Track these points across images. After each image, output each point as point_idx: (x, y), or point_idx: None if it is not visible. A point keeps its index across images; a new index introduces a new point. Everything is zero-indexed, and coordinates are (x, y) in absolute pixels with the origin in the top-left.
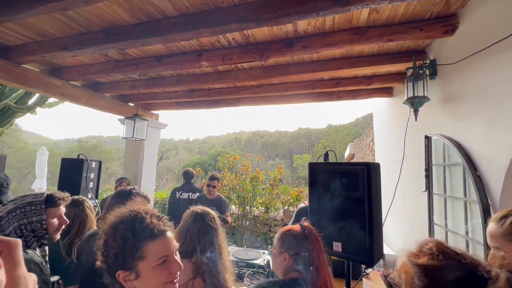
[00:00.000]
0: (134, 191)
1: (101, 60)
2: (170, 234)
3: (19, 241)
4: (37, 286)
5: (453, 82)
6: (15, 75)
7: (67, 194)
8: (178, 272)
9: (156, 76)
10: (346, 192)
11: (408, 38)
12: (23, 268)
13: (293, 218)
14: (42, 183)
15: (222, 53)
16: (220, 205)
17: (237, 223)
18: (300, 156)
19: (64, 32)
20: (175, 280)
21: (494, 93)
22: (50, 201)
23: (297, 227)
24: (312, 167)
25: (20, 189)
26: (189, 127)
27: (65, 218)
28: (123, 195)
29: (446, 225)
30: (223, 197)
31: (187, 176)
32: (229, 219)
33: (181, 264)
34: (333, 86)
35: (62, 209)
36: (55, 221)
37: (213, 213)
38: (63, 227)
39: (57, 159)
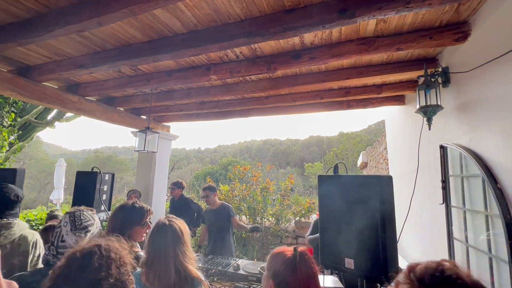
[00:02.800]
0: (136, 205)
1: (114, 76)
2: None
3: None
4: None
5: (468, 89)
6: (36, 92)
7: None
8: None
9: (167, 90)
10: (358, 206)
11: (418, 46)
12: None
13: (310, 229)
14: (59, 193)
15: (230, 66)
16: (224, 213)
17: (248, 234)
18: (312, 165)
19: (80, 52)
20: None
21: None
22: None
23: (290, 251)
24: (322, 180)
25: (40, 199)
26: (200, 136)
27: None
28: (124, 210)
29: (466, 240)
30: (225, 203)
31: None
32: (241, 223)
33: None
34: (342, 95)
35: None
36: None
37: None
38: None
39: (74, 169)
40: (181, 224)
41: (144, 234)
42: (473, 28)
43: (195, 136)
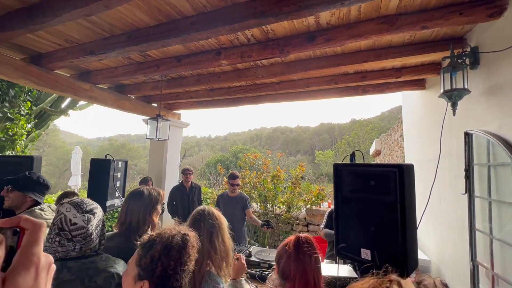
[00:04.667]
0: (145, 190)
1: (124, 63)
2: None
3: (43, 224)
4: (53, 266)
5: (500, 71)
6: (48, 80)
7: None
8: None
9: (177, 77)
10: (376, 196)
11: (446, 24)
12: (40, 247)
13: (325, 220)
14: (77, 180)
15: (241, 50)
16: (241, 202)
17: None
18: (323, 152)
19: (89, 38)
20: None
21: None
22: None
23: (291, 240)
24: (338, 168)
25: (59, 185)
26: (210, 124)
27: None
28: (135, 196)
29: (491, 232)
30: (243, 193)
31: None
32: (254, 217)
33: None
34: (358, 80)
35: None
36: None
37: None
38: None
39: (90, 157)
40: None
41: (158, 220)
42: (510, 1)
43: (206, 123)
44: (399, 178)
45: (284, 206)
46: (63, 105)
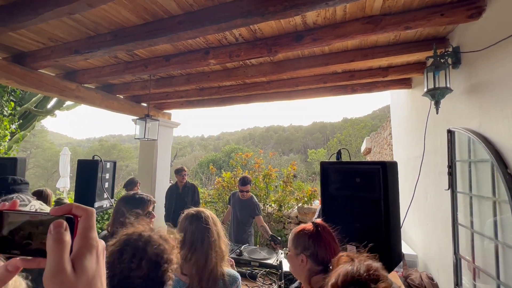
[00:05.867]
0: (137, 196)
1: (111, 62)
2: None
3: (94, 210)
4: (104, 251)
5: (480, 70)
6: (32, 80)
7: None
8: None
9: (166, 76)
10: (361, 193)
11: (428, 24)
12: (95, 232)
13: (316, 215)
14: (66, 181)
15: (230, 50)
16: (250, 208)
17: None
18: (315, 151)
19: (74, 36)
20: None
21: None
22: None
23: (309, 225)
24: (324, 166)
25: (48, 187)
26: (203, 124)
27: None
28: (127, 201)
29: (472, 226)
30: (255, 199)
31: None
32: (265, 225)
33: None
34: (346, 79)
35: None
36: None
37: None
38: None
39: (79, 158)
40: (213, 214)
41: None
42: (488, 2)
43: (198, 123)
44: (382, 175)
45: (275, 205)
46: (49, 105)
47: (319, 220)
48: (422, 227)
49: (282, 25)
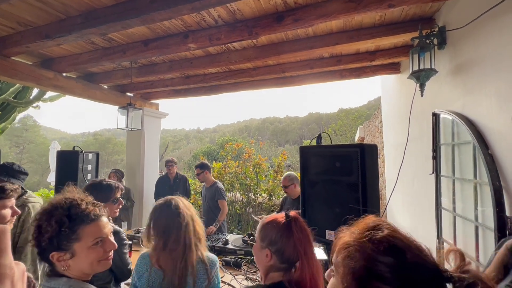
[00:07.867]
0: (104, 182)
1: (88, 49)
2: (105, 218)
3: (6, 228)
4: (26, 274)
5: (464, 50)
6: (4, 68)
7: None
8: (112, 250)
9: (148, 63)
10: (340, 177)
11: (412, 1)
12: (10, 257)
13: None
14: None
15: (209, 33)
16: (212, 192)
17: (242, 210)
18: (310, 142)
19: (43, 20)
20: (109, 257)
21: (510, 58)
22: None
23: (281, 217)
24: (304, 151)
25: (42, 182)
26: (199, 116)
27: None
28: (92, 188)
29: (454, 209)
30: (218, 184)
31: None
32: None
33: (115, 244)
34: (334, 64)
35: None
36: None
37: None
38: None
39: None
40: (184, 200)
41: (117, 210)
42: None
43: (194, 116)
44: (360, 158)
45: (265, 194)
46: (31, 96)
47: (293, 212)
48: (410, 212)
49: (262, 5)
